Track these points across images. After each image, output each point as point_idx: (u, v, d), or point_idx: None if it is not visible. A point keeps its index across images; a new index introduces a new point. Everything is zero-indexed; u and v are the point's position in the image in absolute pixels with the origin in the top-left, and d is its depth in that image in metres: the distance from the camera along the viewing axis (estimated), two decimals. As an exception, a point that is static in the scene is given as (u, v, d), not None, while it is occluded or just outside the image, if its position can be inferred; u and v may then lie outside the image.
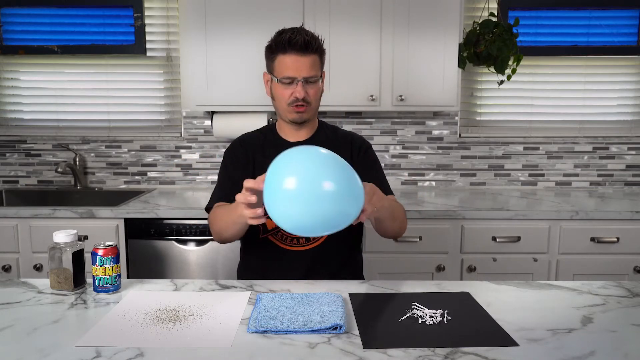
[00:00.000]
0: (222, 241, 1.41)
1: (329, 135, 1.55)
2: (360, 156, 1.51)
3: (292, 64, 1.38)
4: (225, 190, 1.46)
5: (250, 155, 1.50)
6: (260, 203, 1.10)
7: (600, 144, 2.73)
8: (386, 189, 1.47)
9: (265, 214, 1.09)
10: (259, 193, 1.11)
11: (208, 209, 1.50)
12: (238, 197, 1.15)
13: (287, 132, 1.52)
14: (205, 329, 1.00)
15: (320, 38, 1.43)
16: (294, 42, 1.36)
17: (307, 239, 1.46)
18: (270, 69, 1.45)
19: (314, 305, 1.09)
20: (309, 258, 1.46)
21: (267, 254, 1.48)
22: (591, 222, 2.15)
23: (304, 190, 1.00)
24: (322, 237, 1.42)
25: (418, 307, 1.10)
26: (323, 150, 1.09)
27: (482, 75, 2.66)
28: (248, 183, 1.12)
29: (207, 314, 1.07)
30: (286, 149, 1.34)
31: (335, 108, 2.37)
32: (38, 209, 2.17)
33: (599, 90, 2.71)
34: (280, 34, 1.40)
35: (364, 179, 1.49)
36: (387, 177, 1.58)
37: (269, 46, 1.43)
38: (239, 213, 1.18)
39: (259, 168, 1.48)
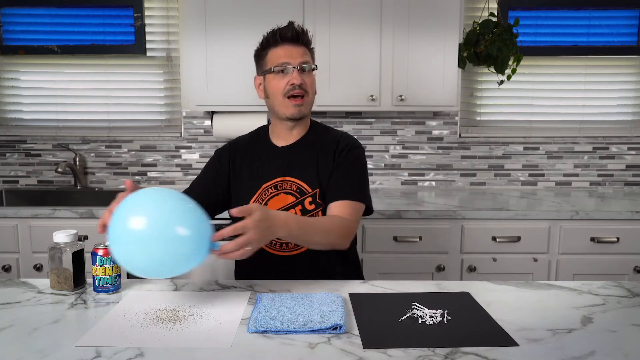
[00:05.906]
0: None
1: (319, 136, 1.51)
2: (341, 156, 1.45)
3: (284, 52, 1.39)
4: (193, 190, 1.50)
5: (231, 163, 1.50)
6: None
7: (600, 144, 2.73)
8: (348, 194, 1.39)
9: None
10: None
11: None
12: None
13: (278, 135, 1.50)
14: (205, 329, 1.00)
15: (308, 33, 1.44)
16: (285, 34, 1.39)
17: (296, 244, 1.42)
18: (261, 67, 1.45)
19: (314, 305, 1.09)
20: (297, 263, 1.44)
21: (256, 259, 1.42)
22: (591, 222, 2.15)
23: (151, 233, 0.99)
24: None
25: (418, 307, 1.10)
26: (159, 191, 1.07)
27: (482, 75, 2.66)
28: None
29: (207, 314, 1.07)
30: (271, 155, 1.41)
31: (335, 108, 2.37)
32: (38, 209, 2.17)
33: (599, 90, 2.71)
34: (269, 32, 1.42)
35: (332, 176, 1.44)
36: (387, 177, 1.56)
37: (259, 48, 1.45)
38: None
39: (237, 175, 1.49)
